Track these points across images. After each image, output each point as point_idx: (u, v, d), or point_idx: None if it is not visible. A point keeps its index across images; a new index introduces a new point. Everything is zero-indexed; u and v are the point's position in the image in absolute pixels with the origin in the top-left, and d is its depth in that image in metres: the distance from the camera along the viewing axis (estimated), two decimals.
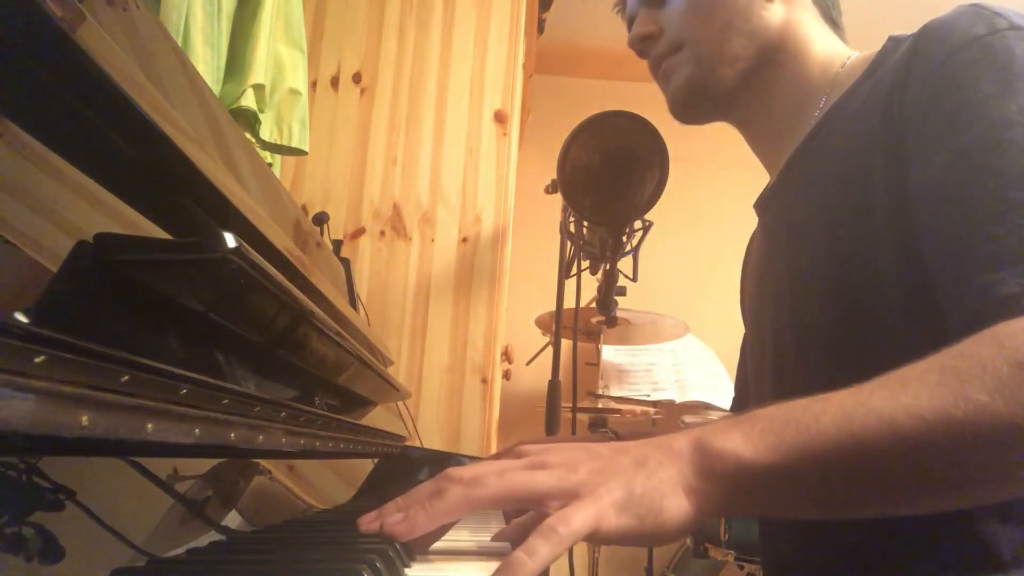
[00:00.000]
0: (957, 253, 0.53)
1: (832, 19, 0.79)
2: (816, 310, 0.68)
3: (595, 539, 0.43)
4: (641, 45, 0.82)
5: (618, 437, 0.88)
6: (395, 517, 0.46)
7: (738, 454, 0.45)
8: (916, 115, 0.58)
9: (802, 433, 0.45)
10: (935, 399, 0.43)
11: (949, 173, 0.55)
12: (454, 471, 0.46)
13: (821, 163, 0.70)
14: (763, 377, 0.79)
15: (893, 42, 0.67)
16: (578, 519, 0.42)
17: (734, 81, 0.77)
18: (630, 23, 0.84)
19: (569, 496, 0.44)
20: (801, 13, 0.76)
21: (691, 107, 0.81)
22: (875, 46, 0.71)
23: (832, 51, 0.76)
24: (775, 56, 0.76)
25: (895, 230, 0.59)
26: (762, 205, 0.83)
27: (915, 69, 0.60)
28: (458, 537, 0.59)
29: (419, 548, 0.48)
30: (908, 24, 0.66)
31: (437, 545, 0.49)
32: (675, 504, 0.44)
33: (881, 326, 0.61)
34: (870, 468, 0.44)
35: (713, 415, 2.30)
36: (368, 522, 0.47)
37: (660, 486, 0.44)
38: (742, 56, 0.76)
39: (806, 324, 0.70)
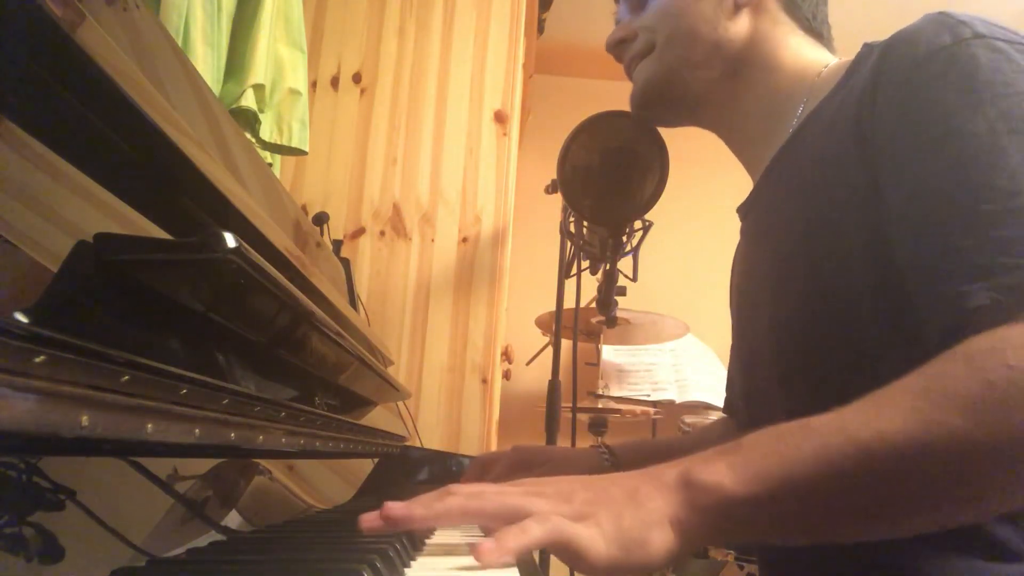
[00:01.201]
0: (929, 267, 0.53)
1: (813, 30, 0.78)
2: (793, 314, 0.69)
3: (583, 569, 0.44)
4: (617, 49, 0.84)
5: (611, 452, 0.88)
6: (395, 504, 0.46)
7: (722, 486, 0.46)
8: (885, 129, 0.59)
9: (784, 463, 0.46)
10: (908, 423, 0.44)
11: (919, 189, 0.55)
12: (457, 487, 0.48)
13: (797, 171, 0.71)
14: (748, 379, 0.79)
15: (867, 48, 0.68)
16: (565, 525, 0.43)
17: (697, 88, 0.78)
18: None
19: None
20: (769, 27, 0.77)
21: (647, 106, 0.83)
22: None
23: (808, 60, 0.76)
24: (742, 70, 0.77)
25: (867, 240, 0.60)
26: (744, 210, 0.84)
27: (882, 81, 0.60)
28: (457, 537, 0.59)
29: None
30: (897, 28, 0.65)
31: (437, 545, 0.49)
32: (660, 536, 0.45)
33: (855, 330, 0.61)
34: (849, 496, 0.45)
35: (713, 415, 2.31)
36: (369, 520, 0.47)
37: (647, 517, 0.45)
38: (704, 64, 0.77)
39: (784, 327, 0.70)
